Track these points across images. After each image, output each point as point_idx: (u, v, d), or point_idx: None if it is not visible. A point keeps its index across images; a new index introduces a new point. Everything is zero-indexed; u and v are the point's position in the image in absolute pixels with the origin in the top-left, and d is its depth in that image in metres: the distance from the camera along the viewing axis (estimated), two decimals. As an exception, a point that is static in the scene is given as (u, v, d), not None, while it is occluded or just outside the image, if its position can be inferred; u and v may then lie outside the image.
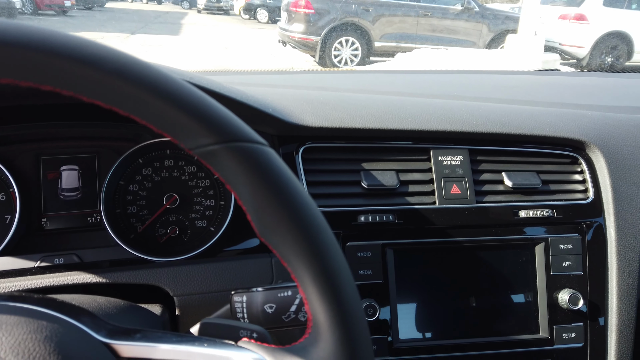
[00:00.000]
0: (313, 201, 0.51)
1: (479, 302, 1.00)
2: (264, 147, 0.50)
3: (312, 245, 0.48)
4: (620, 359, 1.02)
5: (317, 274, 0.48)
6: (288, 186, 0.49)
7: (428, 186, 1.02)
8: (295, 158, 0.99)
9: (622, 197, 1.04)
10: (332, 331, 0.48)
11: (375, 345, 0.95)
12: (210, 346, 0.52)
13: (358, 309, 0.50)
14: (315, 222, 0.49)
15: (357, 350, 0.49)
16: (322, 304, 0.48)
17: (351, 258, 0.96)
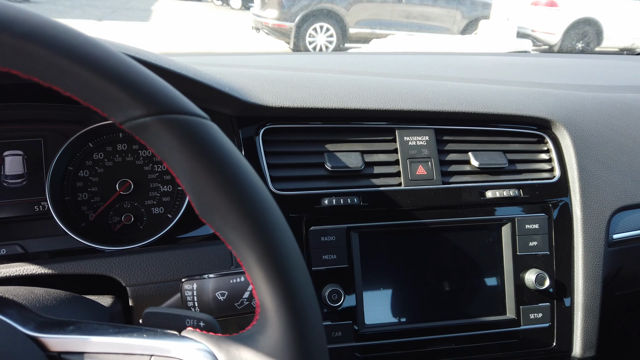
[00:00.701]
0: (258, 178, 0.48)
1: (445, 285, 0.98)
2: (202, 120, 0.46)
3: (256, 225, 0.44)
4: (585, 337, 1.02)
5: (262, 256, 0.44)
6: (229, 162, 0.45)
7: (393, 167, 0.99)
8: (256, 140, 0.95)
9: (588, 175, 1.03)
10: (279, 317, 0.45)
11: (341, 332, 0.93)
12: (150, 337, 0.48)
13: (308, 293, 0.47)
14: (260, 200, 0.45)
15: (307, 336, 0.45)
16: (269, 288, 0.45)
17: (315, 243, 0.93)
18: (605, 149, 1.07)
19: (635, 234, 1.05)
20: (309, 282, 0.47)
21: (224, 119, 0.95)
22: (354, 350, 0.93)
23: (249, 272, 0.46)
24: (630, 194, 1.05)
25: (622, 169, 1.06)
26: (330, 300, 0.91)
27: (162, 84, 0.45)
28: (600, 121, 1.09)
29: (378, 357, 0.94)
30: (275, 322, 0.45)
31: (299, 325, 0.45)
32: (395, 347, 0.95)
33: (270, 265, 0.44)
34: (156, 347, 0.47)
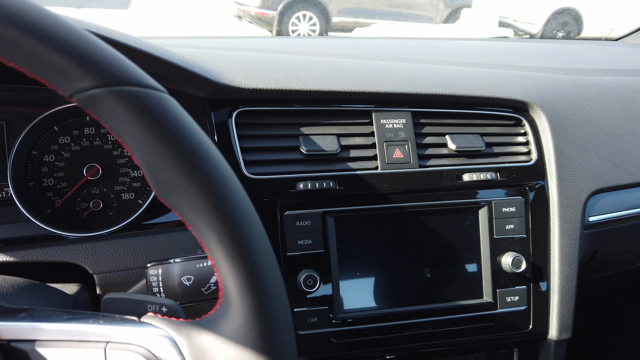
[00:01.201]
0: (219, 154, 0.45)
1: (422, 269, 0.97)
2: (157, 92, 0.43)
3: (216, 202, 0.42)
4: (561, 320, 1.02)
5: (223, 235, 0.42)
6: (186, 137, 0.43)
7: (370, 151, 0.97)
8: (228, 123, 0.92)
9: (564, 158, 1.03)
10: (241, 299, 0.43)
11: (316, 317, 0.91)
12: (106, 323, 0.46)
13: (272, 274, 0.45)
14: (220, 177, 0.43)
15: (271, 319, 0.44)
16: (230, 269, 0.43)
17: (290, 227, 0.91)
18: (581, 132, 1.06)
19: (611, 217, 1.06)
20: (273, 262, 0.46)
21: (195, 101, 0.92)
22: (330, 336, 0.92)
23: (210, 254, 0.44)
24: (606, 176, 1.05)
25: (598, 151, 1.06)
26: (305, 286, 0.89)
27: (113, 53, 0.42)
28: (577, 104, 1.09)
29: (354, 342, 0.93)
30: (237, 305, 0.43)
31: (262, 307, 0.43)
32: (371, 332, 0.94)
33: (231, 244, 0.42)
34: (112, 333, 0.44)
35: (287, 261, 0.90)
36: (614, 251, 1.15)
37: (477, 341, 1.00)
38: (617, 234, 1.08)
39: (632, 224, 1.09)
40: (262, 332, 0.43)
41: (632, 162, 1.08)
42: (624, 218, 1.07)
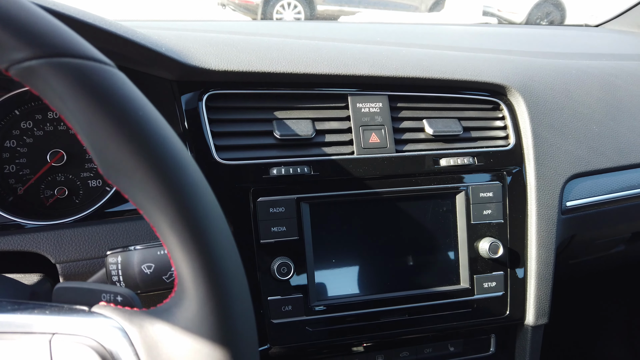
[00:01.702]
0: (172, 132, 0.43)
1: (399, 255, 0.95)
2: (102, 65, 0.40)
3: (166, 183, 0.39)
4: (538, 305, 1.02)
5: (174, 219, 0.40)
6: (134, 113, 0.40)
7: (346, 135, 0.95)
8: (199, 106, 0.89)
9: (542, 142, 1.02)
10: (196, 287, 0.41)
11: (291, 306, 0.89)
12: (53, 314, 0.43)
13: (229, 258, 0.42)
14: (171, 155, 0.40)
15: (227, 308, 0.41)
16: (184, 254, 0.40)
17: (263, 214, 0.88)
18: (560, 116, 1.05)
19: (588, 202, 1.05)
20: (230, 246, 0.43)
21: (163, 84, 0.89)
22: (305, 324, 0.90)
23: (162, 239, 0.42)
24: (584, 161, 1.04)
25: (576, 136, 1.05)
26: (279, 274, 0.87)
27: (53, 22, 0.39)
28: (556, 88, 1.07)
29: (330, 330, 0.92)
30: (192, 292, 0.41)
31: (218, 294, 0.41)
32: (348, 320, 0.93)
33: (183, 228, 0.40)
34: (59, 324, 0.42)
35: (260, 249, 0.88)
36: (591, 236, 1.15)
37: (455, 327, 0.99)
38: (595, 219, 1.08)
39: (609, 209, 1.08)
40: (218, 321, 0.40)
41: (610, 147, 1.08)
42: (601, 203, 1.06)
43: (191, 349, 0.40)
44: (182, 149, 0.41)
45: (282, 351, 0.90)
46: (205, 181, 0.43)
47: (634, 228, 1.21)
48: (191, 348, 0.41)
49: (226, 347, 0.41)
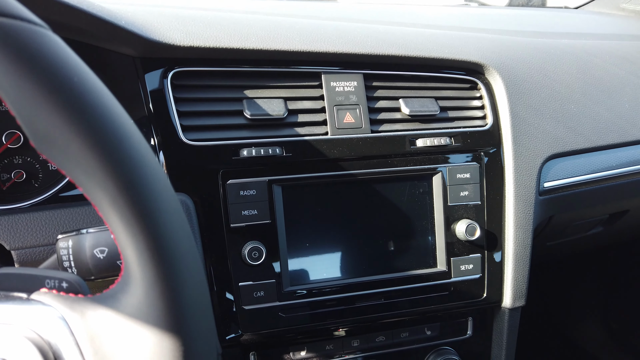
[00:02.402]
0: (113, 99, 0.39)
1: (375, 238, 0.93)
2: (34, 26, 0.36)
3: (105, 155, 0.35)
4: (515, 287, 1.01)
5: (116, 194, 0.36)
6: (67, 79, 0.36)
7: (319, 115, 0.91)
8: (164, 84, 0.85)
9: (520, 122, 1.00)
10: (142, 270, 0.37)
11: (263, 291, 0.86)
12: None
13: (179, 238, 0.39)
14: (110, 125, 0.36)
15: (177, 293, 0.38)
16: (128, 235, 0.37)
17: (233, 197, 0.85)
18: (538, 95, 1.03)
19: (566, 182, 1.04)
20: (182, 225, 0.40)
21: (126, 61, 0.84)
22: (278, 310, 0.87)
23: (105, 218, 0.38)
24: (562, 141, 1.03)
25: (554, 115, 1.04)
26: (250, 259, 0.84)
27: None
28: (534, 67, 1.05)
29: (304, 316, 0.89)
30: (138, 276, 0.37)
31: (167, 278, 0.37)
32: (322, 305, 0.90)
33: (126, 204, 0.36)
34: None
35: (230, 233, 0.85)
36: (569, 218, 1.14)
37: (431, 311, 0.97)
38: (572, 200, 1.07)
39: (587, 190, 1.07)
40: (167, 307, 0.37)
41: (588, 126, 1.06)
42: (579, 184, 1.05)
43: (137, 337, 0.37)
44: (123, 118, 0.37)
45: (255, 338, 0.87)
46: (151, 153, 0.39)
47: (612, 209, 1.21)
48: (137, 337, 0.37)
49: (176, 336, 0.37)
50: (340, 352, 0.97)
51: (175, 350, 0.37)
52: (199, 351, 0.39)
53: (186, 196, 0.83)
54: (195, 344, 0.38)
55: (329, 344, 0.96)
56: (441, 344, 1.03)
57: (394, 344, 1.00)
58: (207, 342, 0.40)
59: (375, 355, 0.99)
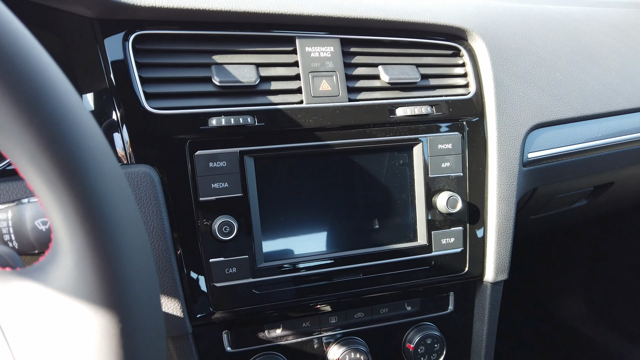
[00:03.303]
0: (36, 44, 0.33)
1: (352, 212, 0.89)
2: None
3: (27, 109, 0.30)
4: (498, 261, 0.98)
5: (36, 149, 0.31)
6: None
7: (294, 83, 0.86)
8: (125, 48, 0.79)
9: (504, 90, 0.96)
10: (71, 237, 0.33)
11: (235, 268, 0.82)
12: None
13: (114, 200, 0.34)
14: (27, 66, 0.31)
15: (111, 263, 0.33)
16: (52, 196, 0.32)
17: (202, 169, 0.80)
18: (522, 62, 0.99)
19: (550, 153, 1.01)
20: (119, 185, 0.35)
21: (83, 23, 0.78)
22: (252, 287, 0.84)
23: (29, 182, 0.33)
24: (547, 110, 0.99)
25: (539, 83, 1.00)
26: (221, 234, 0.80)
27: None
28: (519, 32, 1.01)
29: (279, 292, 0.86)
30: (67, 245, 0.33)
31: (99, 246, 0.33)
32: (297, 282, 0.87)
33: (48, 160, 0.31)
34: None
35: (199, 207, 0.80)
36: (553, 190, 1.11)
37: (412, 286, 0.95)
38: (557, 171, 1.04)
39: (571, 161, 1.04)
40: (99, 280, 0.33)
41: (573, 95, 1.03)
42: (563, 154, 1.02)
43: (66, 313, 0.33)
44: (45, 62, 0.32)
45: (227, 316, 0.84)
46: (81, 105, 0.34)
47: (597, 181, 1.18)
48: (67, 313, 0.33)
49: (111, 311, 0.33)
50: (318, 330, 0.94)
51: (111, 328, 0.33)
52: (140, 329, 0.34)
53: (151, 168, 0.78)
54: (135, 321, 0.34)
55: (305, 321, 0.93)
56: (422, 320, 1.01)
57: (373, 321, 0.97)
58: (152, 318, 0.36)
59: (354, 332, 0.96)
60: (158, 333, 0.37)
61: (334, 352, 0.93)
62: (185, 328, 0.81)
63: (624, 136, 1.08)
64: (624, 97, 1.09)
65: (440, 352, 1.00)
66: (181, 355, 0.84)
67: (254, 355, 0.90)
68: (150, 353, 0.36)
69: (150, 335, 0.36)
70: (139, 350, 0.34)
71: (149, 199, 0.77)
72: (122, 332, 0.33)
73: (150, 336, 0.36)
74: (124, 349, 0.33)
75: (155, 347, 0.36)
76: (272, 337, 0.91)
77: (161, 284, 0.79)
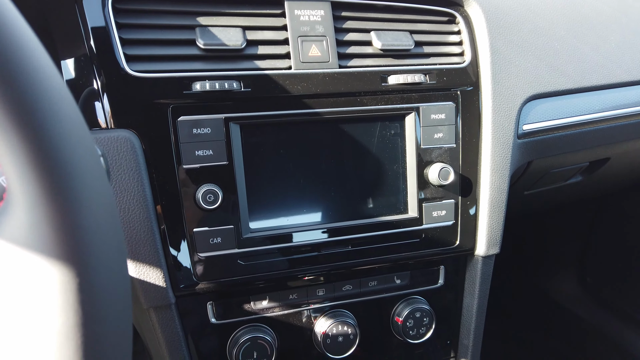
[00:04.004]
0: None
1: (342, 183, 0.87)
2: None
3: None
4: (489, 235, 0.96)
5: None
6: None
7: (282, 47, 0.83)
8: (104, 8, 0.75)
9: (501, 59, 0.93)
10: (22, 184, 0.30)
11: (220, 238, 0.80)
12: None
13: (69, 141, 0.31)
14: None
15: (66, 212, 0.31)
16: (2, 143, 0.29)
17: (185, 136, 0.77)
18: (520, 31, 0.96)
19: (546, 125, 0.98)
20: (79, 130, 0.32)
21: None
22: (237, 257, 0.82)
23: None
24: (544, 80, 0.96)
25: (536, 53, 0.97)
26: (205, 202, 0.77)
27: None
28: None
29: (265, 264, 0.84)
30: (18, 192, 0.30)
31: (53, 193, 0.30)
32: (284, 253, 0.85)
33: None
34: None
35: (183, 175, 0.78)
36: (548, 164, 1.09)
37: (401, 259, 0.93)
38: (552, 144, 1.02)
39: (567, 134, 1.02)
40: (53, 229, 0.30)
41: (571, 66, 1.00)
42: (559, 127, 0.99)
43: (21, 265, 0.30)
44: None
45: (212, 287, 0.82)
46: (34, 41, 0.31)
47: (593, 156, 1.16)
48: (21, 265, 0.30)
49: (68, 264, 0.31)
50: (305, 302, 0.92)
51: (67, 282, 0.31)
52: (101, 284, 0.32)
53: (132, 133, 0.75)
54: (95, 276, 0.32)
55: (292, 294, 0.91)
56: (411, 294, 0.99)
57: (361, 293, 0.96)
58: (111, 274, 0.33)
59: (342, 305, 0.95)
60: (122, 290, 0.35)
61: (321, 324, 0.92)
62: (168, 298, 0.80)
63: (622, 110, 1.05)
64: (624, 69, 1.06)
65: (429, 326, 0.98)
66: (164, 325, 0.82)
67: (240, 327, 0.89)
68: (113, 311, 0.33)
69: (113, 292, 0.33)
70: (100, 307, 0.32)
71: (130, 165, 0.74)
72: (81, 287, 0.31)
73: (114, 293, 0.34)
74: (82, 305, 0.31)
75: (119, 305, 0.34)
76: (258, 309, 0.90)
77: (143, 253, 0.77)
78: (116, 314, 0.33)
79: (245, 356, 0.87)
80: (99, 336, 0.31)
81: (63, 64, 0.77)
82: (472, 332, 1.05)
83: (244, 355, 0.86)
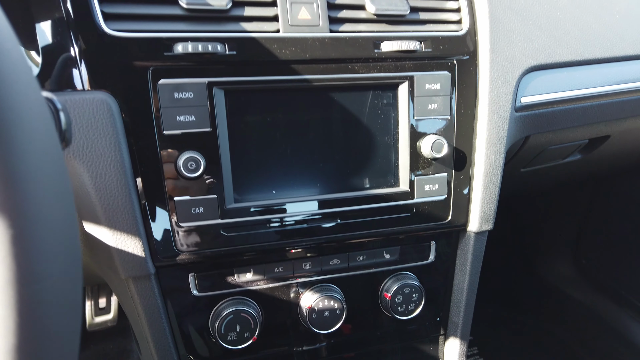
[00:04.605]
0: None
1: (330, 153, 0.84)
2: None
3: None
4: (483, 210, 0.93)
5: None
6: None
7: (270, 9, 0.79)
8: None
9: (500, 27, 0.89)
10: None
11: (202, 207, 0.77)
12: None
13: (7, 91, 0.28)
14: None
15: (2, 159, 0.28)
16: None
17: (166, 100, 0.74)
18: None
19: (545, 99, 0.95)
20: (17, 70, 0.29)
21: None
22: (220, 228, 0.79)
23: None
24: (544, 51, 0.92)
25: (537, 22, 0.92)
26: (186, 170, 0.74)
27: None
28: (519, -36, 0.93)
29: (249, 235, 0.81)
30: None
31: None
32: (269, 224, 0.82)
33: None
34: None
35: (163, 141, 0.74)
36: (546, 140, 1.05)
37: (391, 233, 0.90)
38: (551, 118, 0.98)
39: (567, 108, 0.98)
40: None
41: (573, 36, 0.96)
42: (559, 101, 0.96)
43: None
44: None
45: (193, 258, 0.79)
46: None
47: (592, 133, 1.12)
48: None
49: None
50: (291, 275, 0.90)
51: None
52: (40, 238, 0.29)
53: (109, 96, 0.71)
54: (33, 228, 0.29)
55: (278, 266, 0.89)
56: (401, 269, 0.97)
57: (349, 268, 0.93)
58: (54, 227, 0.30)
59: (329, 279, 0.92)
60: (68, 245, 0.32)
61: (307, 298, 0.90)
62: (147, 268, 0.77)
63: (624, 84, 1.01)
64: (628, 42, 1.02)
65: (418, 302, 0.96)
66: (143, 297, 0.80)
67: (223, 300, 0.86)
68: (56, 269, 0.30)
69: (58, 246, 0.31)
70: (40, 263, 0.29)
71: (106, 129, 0.71)
72: (15, 239, 0.28)
73: (58, 248, 0.31)
74: (16, 259, 0.28)
75: (63, 262, 0.31)
76: (242, 281, 0.87)
77: (120, 221, 0.74)
78: (61, 272, 0.31)
79: (228, 329, 0.85)
80: (38, 296, 0.28)
81: (37, 22, 0.73)
82: (463, 310, 1.03)
83: (227, 328, 0.84)
